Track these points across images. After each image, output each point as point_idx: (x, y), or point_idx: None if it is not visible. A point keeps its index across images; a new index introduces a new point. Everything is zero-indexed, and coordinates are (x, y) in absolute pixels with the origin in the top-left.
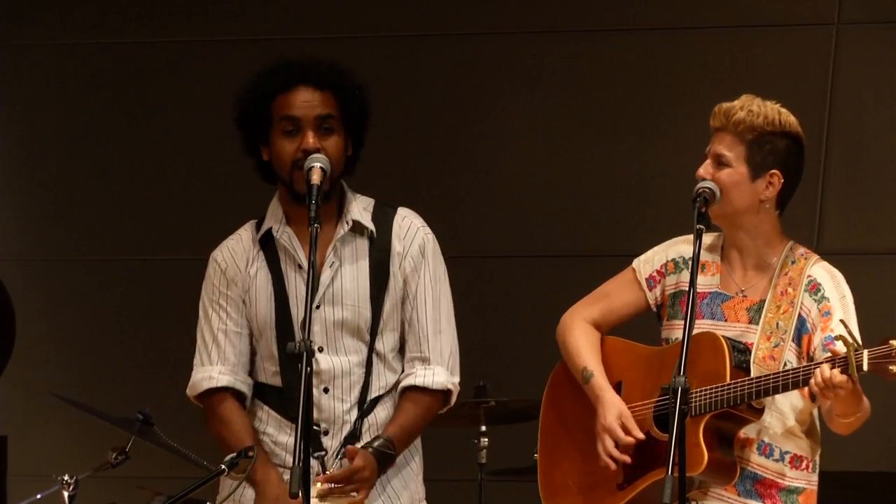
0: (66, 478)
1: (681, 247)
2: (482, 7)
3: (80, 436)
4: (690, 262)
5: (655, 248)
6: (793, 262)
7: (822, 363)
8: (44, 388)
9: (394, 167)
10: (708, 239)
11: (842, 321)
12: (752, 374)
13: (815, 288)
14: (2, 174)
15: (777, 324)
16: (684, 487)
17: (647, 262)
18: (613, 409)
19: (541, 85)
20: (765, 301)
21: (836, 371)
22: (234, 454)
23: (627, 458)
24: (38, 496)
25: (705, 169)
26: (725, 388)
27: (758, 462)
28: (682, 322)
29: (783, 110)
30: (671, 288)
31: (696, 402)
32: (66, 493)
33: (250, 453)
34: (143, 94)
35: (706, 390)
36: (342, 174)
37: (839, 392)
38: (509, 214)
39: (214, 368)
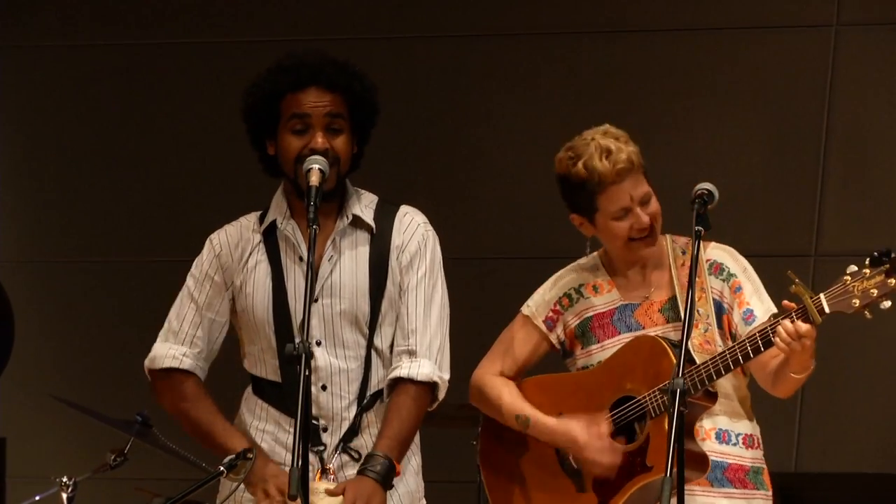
0: (64, 479)
1: (566, 280)
2: (484, 9)
3: (79, 438)
4: (586, 289)
5: (541, 290)
6: (683, 252)
7: (779, 319)
8: (42, 389)
9: (394, 168)
10: (584, 263)
11: (789, 273)
12: (698, 361)
13: (718, 269)
14: (1, 176)
15: (698, 311)
16: (682, 486)
17: (539, 306)
18: (574, 426)
19: (541, 86)
20: (674, 297)
21: (799, 322)
22: (233, 456)
23: (617, 459)
24: (37, 498)
25: (644, 215)
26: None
27: (720, 450)
28: (600, 346)
29: None
30: (574, 320)
31: (654, 402)
32: (64, 495)
33: (249, 455)
34: (140, 97)
35: (661, 388)
36: (348, 172)
37: (805, 342)
38: (510, 215)
39: (179, 349)
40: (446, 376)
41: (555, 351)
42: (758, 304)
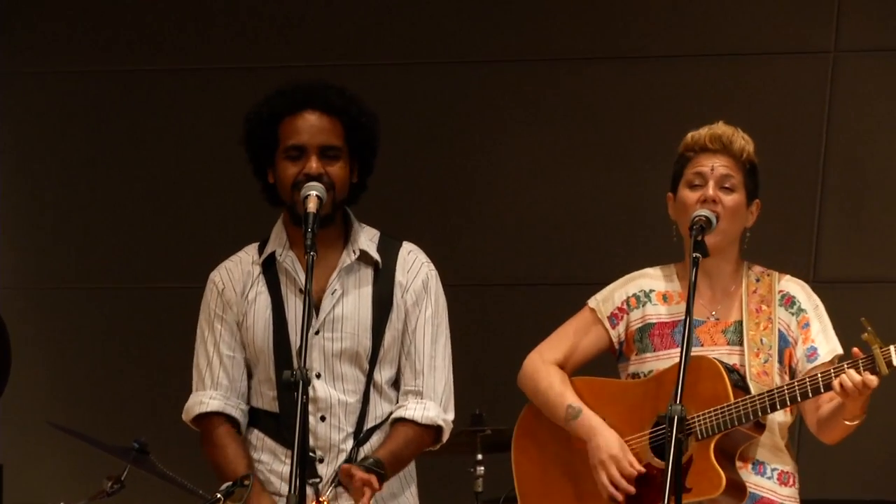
0: None
1: (639, 281)
2: (486, 34)
3: (76, 464)
4: (656, 295)
5: (611, 286)
6: (757, 280)
7: (844, 366)
8: (40, 416)
9: (391, 195)
10: (659, 270)
11: (863, 320)
12: (753, 391)
13: (789, 301)
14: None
15: (761, 340)
16: None
17: (607, 301)
18: (615, 440)
19: (539, 113)
20: (741, 321)
21: (867, 374)
22: (230, 483)
23: (632, 489)
24: None
25: (714, 190)
26: (733, 406)
27: (755, 482)
28: (655, 355)
29: None
30: (637, 323)
31: (702, 424)
32: None
33: (246, 482)
34: (139, 123)
35: (713, 411)
36: (346, 201)
37: (866, 392)
38: (508, 242)
39: (206, 393)
40: (451, 417)
41: (612, 352)
42: (823, 343)
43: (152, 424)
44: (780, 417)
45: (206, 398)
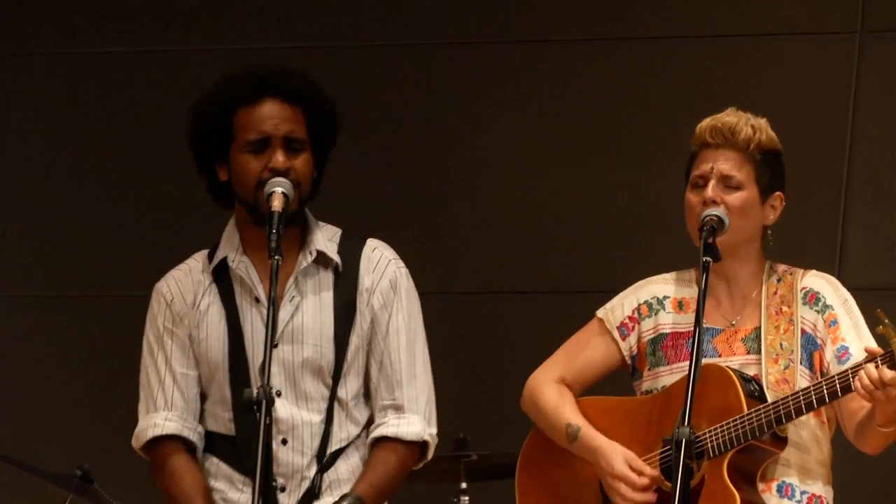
0: None
1: (651, 287)
2: (464, 13)
3: (13, 495)
4: (670, 302)
5: (620, 294)
6: (779, 280)
7: (860, 365)
8: None
9: (362, 193)
10: (674, 275)
11: (878, 312)
12: (770, 401)
13: (813, 298)
14: None
15: (781, 344)
16: None
17: (616, 309)
18: (618, 454)
19: (527, 102)
20: (759, 327)
21: (885, 368)
22: None
23: (651, 497)
24: None
25: (713, 191)
26: (746, 418)
27: None
28: (669, 369)
29: None
30: (649, 333)
31: (714, 440)
32: None
33: None
34: (106, 127)
35: (724, 426)
36: (311, 197)
37: (891, 392)
38: (492, 246)
39: (160, 415)
40: (435, 431)
41: (624, 367)
42: (854, 340)
43: (97, 449)
44: (814, 432)
45: (161, 420)
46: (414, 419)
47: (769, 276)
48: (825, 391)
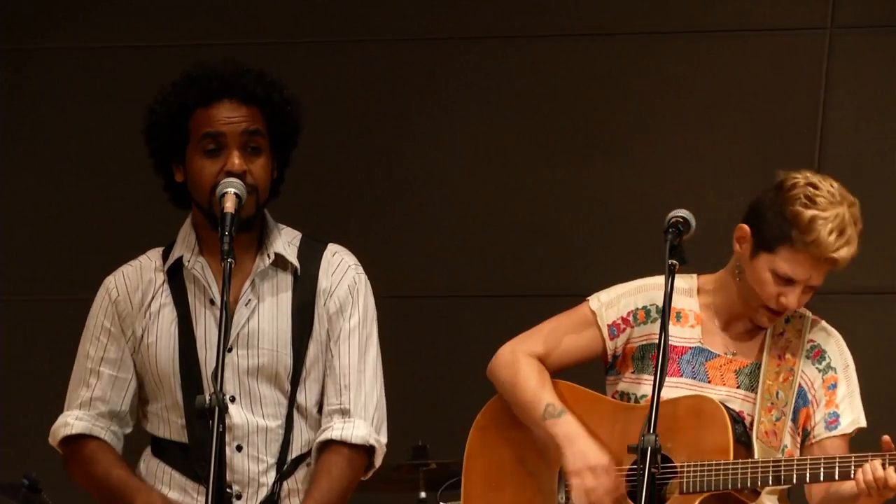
0: None
1: (652, 294)
2: (431, 10)
3: None
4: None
5: (620, 290)
6: (787, 321)
7: (869, 457)
8: None
9: (319, 193)
10: (679, 282)
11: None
12: (755, 450)
13: (818, 355)
14: None
15: (777, 393)
16: None
17: (611, 307)
18: (603, 452)
19: (493, 99)
20: (759, 364)
21: (892, 470)
22: None
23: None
24: None
25: (799, 301)
26: (731, 467)
27: None
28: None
29: None
30: (640, 340)
31: (692, 476)
32: None
33: None
34: (107, 126)
35: (706, 466)
36: (268, 200)
37: (887, 494)
38: (453, 248)
39: (73, 413)
40: (384, 439)
41: (603, 361)
42: (847, 411)
43: (44, 457)
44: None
45: (72, 419)
46: (360, 423)
47: None
48: (822, 470)
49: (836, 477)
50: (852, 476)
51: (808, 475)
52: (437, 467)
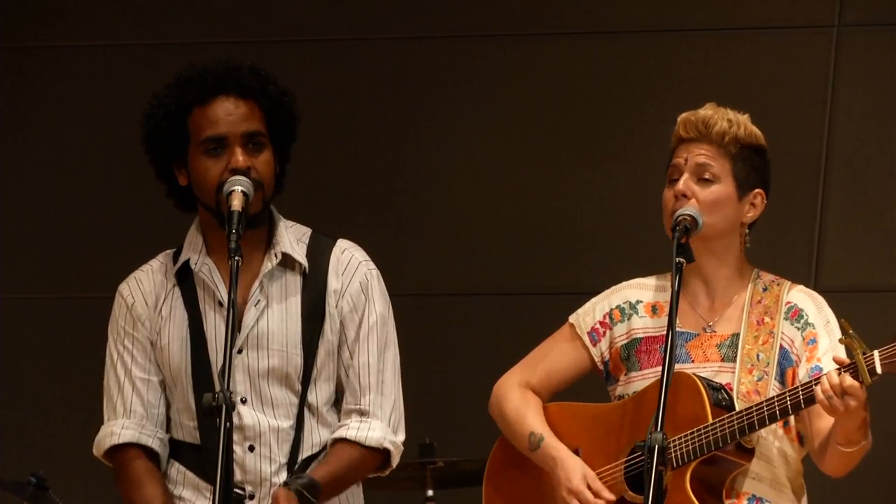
0: None
1: (625, 292)
2: (430, 9)
3: None
4: (644, 307)
5: (593, 299)
6: (765, 290)
7: (825, 373)
8: None
9: (326, 193)
10: (652, 280)
11: (842, 322)
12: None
13: (796, 314)
14: None
15: (757, 355)
16: None
17: (587, 315)
18: (577, 470)
19: (497, 98)
20: (738, 334)
21: (846, 375)
22: None
23: None
24: None
25: (685, 184)
26: (710, 427)
27: None
28: (641, 374)
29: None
30: (622, 338)
31: (678, 450)
32: None
33: None
34: (106, 125)
35: (687, 435)
36: (274, 195)
37: (850, 402)
38: (460, 246)
39: (118, 423)
40: (401, 438)
41: (597, 372)
42: (829, 363)
43: (52, 455)
44: (784, 446)
45: (118, 428)
46: (376, 425)
47: (755, 283)
48: (788, 402)
49: (803, 403)
50: (815, 396)
51: (777, 411)
52: (444, 465)
